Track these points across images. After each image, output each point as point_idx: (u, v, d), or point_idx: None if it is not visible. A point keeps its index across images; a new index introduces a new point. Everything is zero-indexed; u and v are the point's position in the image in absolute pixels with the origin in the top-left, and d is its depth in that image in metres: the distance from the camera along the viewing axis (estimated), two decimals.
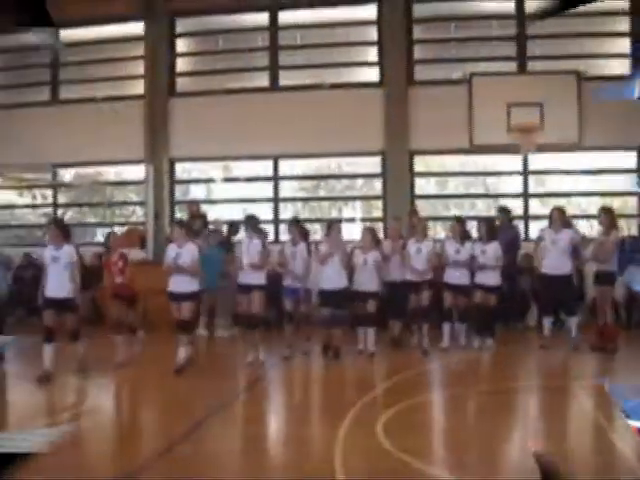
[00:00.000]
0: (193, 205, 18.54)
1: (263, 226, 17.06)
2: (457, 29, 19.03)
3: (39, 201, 21.93)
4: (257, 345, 12.33)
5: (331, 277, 12.75)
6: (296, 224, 14.01)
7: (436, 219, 18.88)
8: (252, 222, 12.78)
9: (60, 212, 21.02)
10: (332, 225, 13.36)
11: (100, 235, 20.49)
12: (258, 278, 12.33)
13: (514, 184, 18.85)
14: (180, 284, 11.58)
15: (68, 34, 20.71)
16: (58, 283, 11.07)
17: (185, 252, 11.69)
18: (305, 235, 14.52)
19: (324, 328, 13.06)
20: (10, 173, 20.71)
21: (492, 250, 13.55)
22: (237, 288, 12.71)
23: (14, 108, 20.82)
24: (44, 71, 21.16)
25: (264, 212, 19.21)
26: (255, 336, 12.36)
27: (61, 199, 21.51)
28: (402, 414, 8.66)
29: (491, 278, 13.46)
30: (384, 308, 13.93)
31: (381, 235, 16.47)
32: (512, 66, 18.66)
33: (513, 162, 18.53)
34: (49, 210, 21.13)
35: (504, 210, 16.84)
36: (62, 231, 11.48)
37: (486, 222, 14.20)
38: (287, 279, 13.40)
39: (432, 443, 8.00)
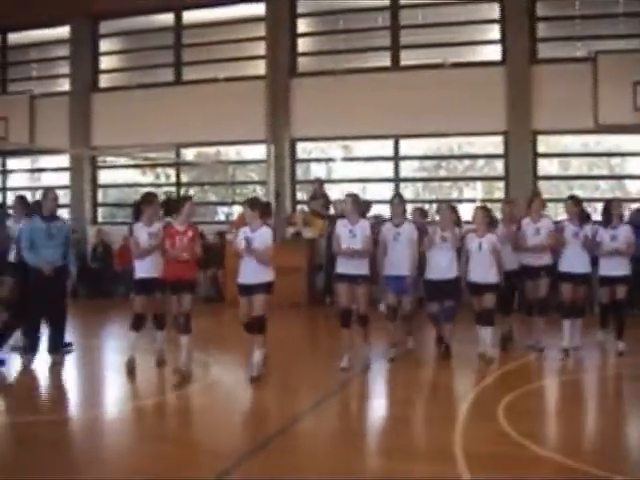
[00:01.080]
0: (316, 184, 18.73)
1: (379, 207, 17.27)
2: (581, 6, 18.63)
3: (162, 180, 22.47)
4: (364, 347, 10.78)
5: (440, 266, 11.00)
6: (401, 199, 11.60)
7: (559, 201, 18.56)
8: (356, 200, 10.77)
9: (182, 190, 21.50)
10: (441, 205, 11.82)
11: (221, 214, 20.90)
12: (363, 267, 10.50)
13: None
14: (252, 274, 9.84)
15: (191, 16, 21.16)
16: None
17: (258, 236, 9.84)
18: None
19: (433, 324, 11.69)
20: (135, 152, 21.22)
21: (624, 234, 11.58)
22: (335, 277, 10.89)
23: (139, 89, 21.40)
24: (168, 53, 21.60)
25: (384, 192, 19.31)
26: (349, 336, 10.59)
27: (184, 178, 22.01)
28: (522, 398, 8.66)
29: (622, 267, 11.49)
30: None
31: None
32: (638, 43, 18.13)
33: (639, 142, 18.12)
34: (172, 189, 21.62)
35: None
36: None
37: (615, 203, 11.96)
38: (389, 267, 11.11)
39: (552, 428, 8.03)
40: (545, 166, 19.04)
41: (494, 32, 19.13)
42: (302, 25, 20.62)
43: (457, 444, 7.05)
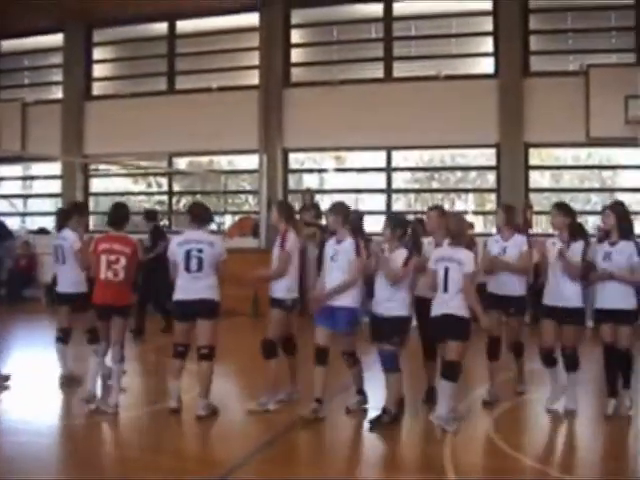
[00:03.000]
0: (306, 194, 18.74)
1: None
2: (574, 20, 18.72)
3: (154, 189, 22.47)
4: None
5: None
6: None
7: (549, 214, 18.57)
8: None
9: (174, 200, 21.52)
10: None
11: (213, 224, 20.89)
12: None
13: (631, 178, 18.52)
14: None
15: (184, 25, 21.20)
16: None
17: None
18: None
19: None
20: (127, 161, 21.22)
21: (626, 252, 8.65)
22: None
23: (132, 97, 21.41)
24: (161, 61, 21.63)
25: (376, 203, 19.43)
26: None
27: (176, 187, 22.02)
28: (513, 411, 8.70)
29: (623, 297, 8.58)
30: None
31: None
32: (630, 57, 18.21)
33: (631, 155, 18.20)
34: (164, 198, 21.63)
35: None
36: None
37: (615, 211, 8.99)
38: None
39: (543, 441, 8.04)
40: (537, 179, 19.10)
41: (487, 45, 19.19)
42: (296, 36, 20.64)
43: (447, 457, 7.06)
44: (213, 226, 19.74)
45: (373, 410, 8.54)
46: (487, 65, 19.13)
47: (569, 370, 8.71)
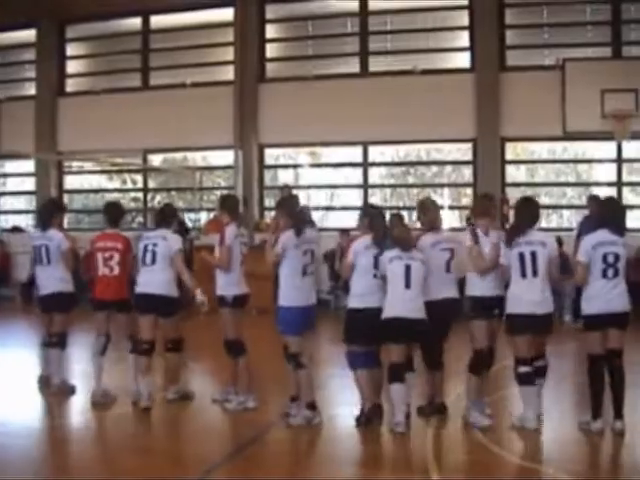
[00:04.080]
0: (284, 190, 18.61)
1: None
2: (550, 14, 18.73)
3: (129, 186, 22.31)
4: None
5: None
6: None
7: None
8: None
9: (149, 197, 21.37)
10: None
11: (188, 220, 20.77)
12: None
13: (606, 172, 18.56)
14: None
15: (158, 20, 21.05)
16: None
17: None
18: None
19: None
20: (102, 158, 21.03)
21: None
22: None
23: (106, 94, 21.21)
24: (135, 57, 21.45)
25: (352, 199, 19.38)
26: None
27: (151, 184, 21.86)
28: (495, 406, 8.53)
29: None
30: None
31: None
32: (606, 51, 18.27)
33: (606, 149, 18.24)
34: (139, 194, 21.49)
35: (595, 199, 14.52)
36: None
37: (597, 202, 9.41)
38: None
39: (526, 436, 7.85)
40: (513, 173, 19.09)
41: (463, 39, 19.17)
42: (271, 31, 20.53)
43: (431, 453, 7.00)
44: (188, 223, 19.72)
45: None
46: (463, 60, 19.10)
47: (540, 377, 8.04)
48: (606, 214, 8.03)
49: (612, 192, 17.64)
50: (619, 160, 18.25)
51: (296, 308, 8.14)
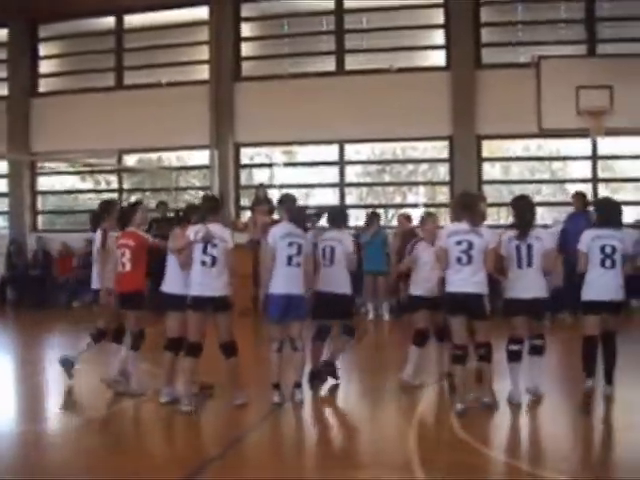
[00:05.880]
0: (260, 190, 18.55)
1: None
2: (524, 12, 18.82)
3: (103, 186, 22.13)
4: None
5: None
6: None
7: (501, 205, 18.68)
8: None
9: (124, 197, 21.19)
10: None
11: None
12: None
13: (582, 169, 18.65)
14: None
15: (132, 19, 20.93)
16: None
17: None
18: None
19: None
20: (76, 158, 20.86)
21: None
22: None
23: (79, 93, 21.04)
24: (109, 57, 21.28)
25: (328, 198, 19.35)
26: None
27: (125, 184, 21.71)
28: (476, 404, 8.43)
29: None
30: None
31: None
32: (581, 49, 18.41)
33: (581, 146, 18.33)
34: (114, 195, 21.32)
35: (580, 195, 15.72)
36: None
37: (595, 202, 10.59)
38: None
39: (508, 434, 7.92)
40: (489, 170, 19.14)
41: (439, 37, 19.23)
42: (246, 29, 20.47)
43: (414, 452, 6.95)
44: None
45: None
46: (439, 58, 19.18)
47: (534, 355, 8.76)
48: (604, 211, 8.85)
49: (587, 188, 17.74)
50: (594, 157, 18.36)
51: (277, 295, 8.57)
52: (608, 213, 8.78)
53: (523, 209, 8.59)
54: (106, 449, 7.37)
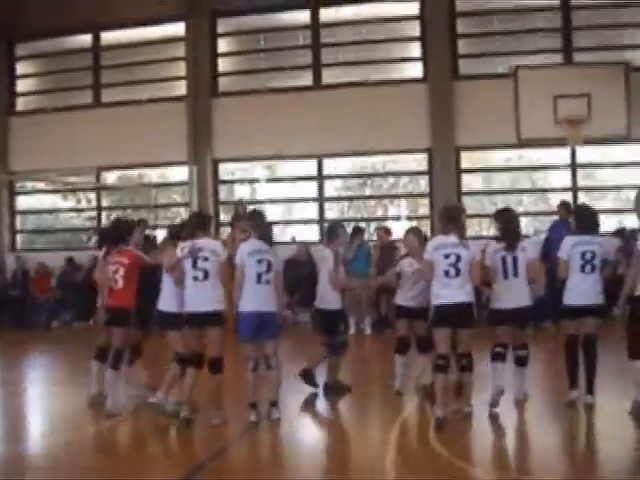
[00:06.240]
0: (239, 206, 18.45)
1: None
2: (500, 22, 18.86)
3: (83, 205, 22.01)
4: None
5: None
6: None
7: (482, 216, 18.66)
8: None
9: (104, 215, 21.09)
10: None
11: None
12: None
13: (562, 178, 18.64)
14: None
15: (109, 36, 20.85)
16: None
17: None
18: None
19: None
20: (54, 177, 20.75)
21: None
22: None
23: (57, 112, 20.94)
24: (86, 74, 21.21)
25: (309, 212, 19.28)
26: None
27: (105, 202, 21.58)
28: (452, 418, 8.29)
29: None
30: None
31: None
32: (558, 58, 18.42)
33: (561, 156, 18.34)
34: (93, 213, 21.22)
35: (564, 204, 15.83)
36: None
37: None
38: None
39: (485, 447, 7.81)
40: (469, 182, 19.12)
41: (415, 49, 19.23)
42: (222, 45, 20.45)
43: (392, 467, 6.87)
44: None
45: None
46: (416, 70, 19.17)
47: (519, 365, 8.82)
48: (582, 218, 9.10)
49: (568, 197, 17.72)
50: (573, 165, 18.35)
51: (247, 314, 8.44)
52: (586, 220, 9.00)
53: (507, 221, 8.67)
54: (84, 470, 7.27)
